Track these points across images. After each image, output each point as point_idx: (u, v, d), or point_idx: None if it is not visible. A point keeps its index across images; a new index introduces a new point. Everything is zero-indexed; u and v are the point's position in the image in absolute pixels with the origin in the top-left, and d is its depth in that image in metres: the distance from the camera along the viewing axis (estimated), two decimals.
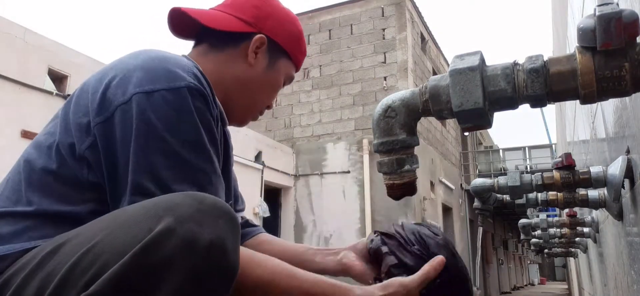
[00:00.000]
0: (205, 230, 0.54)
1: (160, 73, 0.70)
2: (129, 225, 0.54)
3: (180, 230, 0.52)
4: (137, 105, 0.67)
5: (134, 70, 0.71)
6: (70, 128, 0.71)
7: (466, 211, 13.84)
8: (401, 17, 10.30)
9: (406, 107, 0.68)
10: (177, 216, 0.53)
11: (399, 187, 0.70)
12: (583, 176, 1.13)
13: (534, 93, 0.59)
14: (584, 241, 2.88)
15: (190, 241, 0.52)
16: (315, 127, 10.49)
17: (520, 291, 21.49)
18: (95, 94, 0.71)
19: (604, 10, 0.52)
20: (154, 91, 0.68)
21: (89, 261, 0.53)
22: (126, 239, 0.52)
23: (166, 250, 0.51)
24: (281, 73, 0.97)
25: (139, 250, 0.51)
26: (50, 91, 5.19)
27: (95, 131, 0.68)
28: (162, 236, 0.52)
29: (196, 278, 0.52)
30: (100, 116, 0.69)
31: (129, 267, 0.50)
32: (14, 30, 4.96)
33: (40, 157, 0.72)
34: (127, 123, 0.67)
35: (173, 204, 0.55)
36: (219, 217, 0.56)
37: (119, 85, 0.70)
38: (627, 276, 1.22)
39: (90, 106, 0.70)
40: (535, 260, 31.84)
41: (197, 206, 0.55)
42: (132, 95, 0.68)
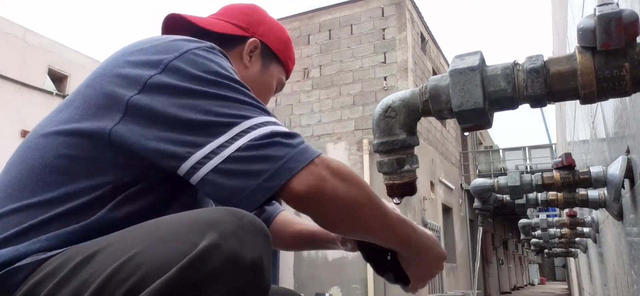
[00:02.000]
0: (247, 249, 0.54)
1: (186, 41, 0.73)
2: (171, 239, 0.55)
3: (226, 247, 0.53)
4: (173, 70, 0.68)
5: (153, 48, 0.72)
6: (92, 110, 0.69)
7: (466, 211, 13.84)
8: (401, 17, 10.30)
9: (406, 107, 0.68)
10: (221, 233, 0.54)
11: (399, 187, 0.70)
12: (583, 176, 1.13)
13: (534, 93, 0.59)
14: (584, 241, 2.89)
15: (234, 258, 0.53)
16: (315, 127, 10.49)
17: (520, 291, 21.50)
18: (117, 76, 0.70)
19: (604, 10, 0.52)
20: (182, 53, 0.70)
21: (127, 272, 0.53)
22: (169, 252, 0.53)
23: (212, 266, 0.52)
24: (274, 77, 1.01)
25: (186, 263, 0.51)
26: (50, 91, 5.19)
27: (129, 104, 0.67)
28: (208, 252, 0.52)
29: (237, 295, 0.53)
30: (131, 89, 0.68)
31: (176, 280, 0.51)
32: (14, 30, 4.96)
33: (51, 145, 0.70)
34: (172, 88, 0.67)
35: (215, 219, 0.55)
36: (258, 235, 0.57)
37: (144, 62, 0.70)
38: (627, 276, 1.22)
39: (112, 87, 0.69)
40: (535, 260, 31.84)
41: (238, 223, 0.56)
42: (167, 63, 0.69)
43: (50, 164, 0.68)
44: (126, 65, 0.71)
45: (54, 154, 0.69)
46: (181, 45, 0.71)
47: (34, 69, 5.09)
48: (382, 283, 9.12)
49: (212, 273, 0.52)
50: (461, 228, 13.30)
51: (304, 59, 10.85)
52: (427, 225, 9.91)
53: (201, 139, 0.64)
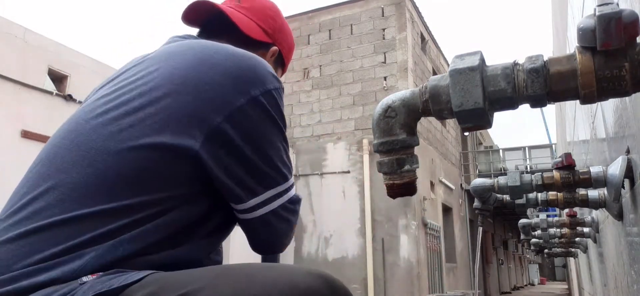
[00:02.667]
0: None
1: (265, 73, 0.78)
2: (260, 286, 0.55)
3: None
4: (257, 104, 0.74)
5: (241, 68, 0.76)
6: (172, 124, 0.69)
7: (466, 211, 13.84)
8: (401, 17, 10.30)
9: (406, 107, 0.68)
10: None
11: (399, 187, 0.70)
12: (583, 176, 1.13)
13: (534, 93, 0.59)
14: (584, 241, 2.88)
15: None
16: (315, 127, 10.49)
17: (520, 291, 21.50)
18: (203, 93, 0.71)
19: (604, 10, 0.52)
20: (266, 91, 0.76)
21: None
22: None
23: None
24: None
25: None
26: (50, 91, 5.19)
27: (212, 128, 0.69)
28: None
29: None
30: (218, 115, 0.70)
31: None
32: (14, 30, 4.96)
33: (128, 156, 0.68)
34: (253, 123, 0.74)
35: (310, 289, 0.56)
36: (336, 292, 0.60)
37: (233, 86, 0.73)
38: (627, 276, 1.22)
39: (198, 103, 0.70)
40: (535, 260, 31.84)
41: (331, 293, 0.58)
42: (253, 97, 0.74)
43: (126, 174, 0.67)
44: (210, 83, 0.72)
45: (131, 166, 0.67)
46: (265, 78, 0.77)
47: (34, 69, 5.09)
48: (382, 283, 9.12)
49: None
50: (461, 228, 13.31)
51: (304, 59, 10.85)
52: (427, 225, 9.92)
53: (261, 188, 0.77)
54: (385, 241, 9.31)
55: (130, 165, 0.67)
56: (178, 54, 0.77)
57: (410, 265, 9.12)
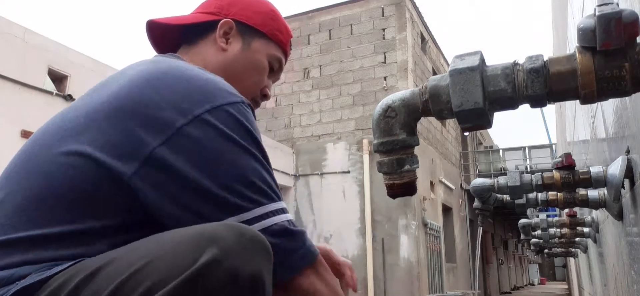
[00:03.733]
0: (247, 264, 0.55)
1: (215, 92, 0.71)
2: (173, 253, 0.55)
3: (225, 263, 0.53)
4: (205, 123, 0.67)
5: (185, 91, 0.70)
6: (110, 144, 0.66)
7: (466, 211, 13.84)
8: (401, 17, 10.30)
9: (406, 107, 0.68)
10: (221, 248, 0.54)
11: (399, 187, 0.70)
12: (583, 176, 1.13)
13: (534, 93, 0.59)
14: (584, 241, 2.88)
15: (234, 274, 0.54)
16: (315, 127, 10.49)
17: (520, 291, 21.49)
18: (139, 114, 0.67)
19: (604, 10, 0.52)
20: (216, 107, 0.69)
21: (131, 286, 0.53)
22: (172, 267, 0.53)
23: (212, 282, 0.53)
24: (260, 53, 0.96)
25: (186, 279, 0.52)
26: (50, 91, 5.19)
27: (150, 155, 0.65)
28: (208, 268, 0.53)
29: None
30: (156, 138, 0.65)
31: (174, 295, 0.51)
32: (14, 30, 4.96)
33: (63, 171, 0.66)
34: (199, 143, 0.66)
35: (216, 235, 0.56)
36: (258, 251, 0.58)
37: (173, 106, 0.68)
38: (627, 276, 1.22)
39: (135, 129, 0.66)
40: (535, 260, 31.83)
41: (239, 239, 0.56)
42: (197, 115, 0.67)
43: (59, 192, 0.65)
44: (150, 105, 0.67)
45: (68, 185, 0.65)
46: (213, 95, 0.70)
47: (34, 69, 5.08)
48: (382, 283, 9.12)
49: (212, 288, 0.52)
50: (461, 228, 13.30)
51: (304, 59, 10.85)
52: (427, 225, 9.92)
53: (220, 215, 0.65)
54: (385, 241, 9.31)
55: (67, 185, 0.65)
56: (131, 75, 0.73)
57: (410, 265, 9.12)
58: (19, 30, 5.02)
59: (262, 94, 0.99)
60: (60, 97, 5.23)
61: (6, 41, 4.85)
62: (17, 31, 5.00)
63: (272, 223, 0.68)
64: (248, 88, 0.95)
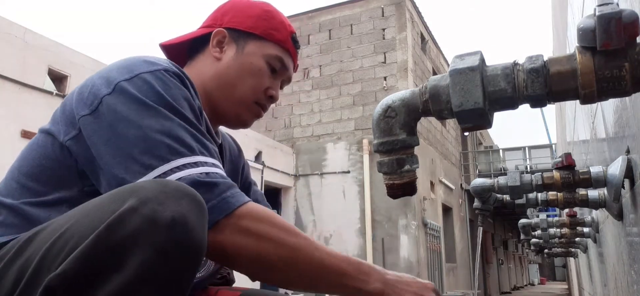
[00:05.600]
0: (167, 208, 0.55)
1: (138, 63, 0.78)
2: (95, 210, 0.57)
3: (142, 209, 0.54)
4: (121, 90, 0.73)
5: (115, 66, 0.78)
6: (58, 123, 0.78)
7: (466, 211, 13.84)
8: (401, 17, 10.30)
9: (406, 107, 0.68)
10: (139, 198, 0.55)
11: (399, 187, 0.70)
12: (583, 176, 1.13)
13: (534, 93, 0.59)
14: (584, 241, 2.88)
15: (151, 218, 0.54)
16: (315, 127, 10.49)
17: (520, 291, 21.49)
18: (81, 92, 0.77)
19: (604, 10, 0.52)
20: (134, 76, 0.75)
21: (60, 246, 0.55)
22: (93, 222, 0.55)
23: (128, 228, 0.53)
24: (255, 55, 0.96)
25: (103, 229, 0.53)
26: (50, 91, 5.19)
27: (79, 123, 0.74)
28: (125, 216, 0.54)
29: (161, 254, 0.54)
30: (85, 108, 0.74)
31: (94, 245, 0.53)
32: (14, 30, 4.96)
33: (35, 149, 0.79)
34: (115, 109, 0.72)
35: (137, 187, 0.58)
36: (182, 198, 0.58)
37: (100, 79, 0.76)
38: (627, 276, 1.22)
39: (74, 104, 0.76)
40: (535, 260, 31.84)
41: (161, 189, 0.57)
42: (116, 84, 0.74)
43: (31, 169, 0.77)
44: (88, 84, 0.77)
45: (35, 159, 0.78)
46: (134, 67, 0.77)
47: (34, 69, 5.08)
48: None
49: (130, 235, 0.53)
50: (461, 228, 13.30)
51: (304, 59, 10.85)
52: (427, 225, 9.91)
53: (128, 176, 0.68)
54: (385, 241, 9.31)
55: (32, 155, 0.78)
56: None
57: (410, 265, 9.12)
58: (19, 30, 5.02)
59: (268, 96, 0.98)
60: (60, 97, 5.22)
61: (6, 41, 4.85)
62: (17, 31, 5.00)
63: (177, 177, 0.67)
64: (245, 93, 0.95)
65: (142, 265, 0.52)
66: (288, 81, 1.04)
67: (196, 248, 0.57)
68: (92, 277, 0.52)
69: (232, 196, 0.70)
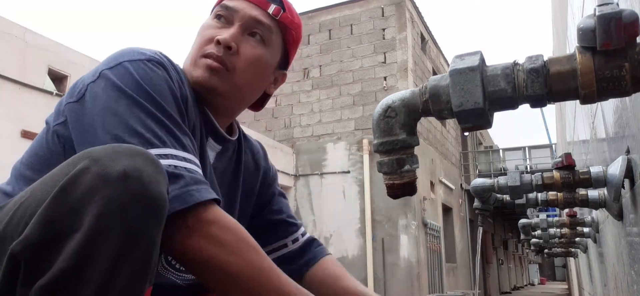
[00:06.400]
0: (119, 164, 0.56)
1: (125, 52, 0.79)
2: (51, 177, 0.58)
3: (94, 167, 0.55)
4: (103, 78, 0.75)
5: (105, 58, 0.81)
6: (53, 113, 0.83)
7: (466, 211, 13.84)
8: (401, 17, 10.30)
9: (406, 107, 0.68)
10: (92, 158, 0.56)
11: (399, 187, 0.70)
12: (583, 176, 1.13)
13: (534, 93, 0.59)
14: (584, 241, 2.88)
15: (103, 174, 0.55)
16: (315, 127, 10.49)
17: (520, 291, 21.49)
18: (74, 84, 0.80)
19: (604, 10, 0.52)
20: (117, 64, 0.76)
21: (19, 216, 0.57)
22: (48, 187, 0.56)
23: (82, 186, 0.54)
24: (206, 20, 0.94)
25: (58, 190, 0.54)
26: (50, 91, 5.18)
27: (65, 109, 0.78)
28: (77, 175, 0.55)
29: (115, 206, 0.54)
30: (72, 97, 0.77)
31: (52, 207, 0.53)
32: (14, 30, 4.96)
33: (36, 141, 0.84)
34: (95, 96, 0.74)
35: (89, 150, 0.59)
36: (135, 155, 0.58)
37: (92, 71, 0.79)
38: (627, 276, 1.22)
39: (66, 94, 0.81)
40: (535, 260, 31.83)
41: (113, 148, 0.59)
42: (100, 72, 0.76)
43: (31, 157, 0.82)
44: (84, 76, 0.80)
45: (36, 148, 0.82)
46: (121, 56, 0.78)
47: (34, 69, 5.08)
48: (382, 283, 9.12)
49: (85, 192, 0.54)
50: (461, 228, 13.30)
51: (304, 59, 10.85)
52: (427, 225, 9.91)
53: None
54: (385, 241, 9.31)
55: (33, 147, 0.83)
56: None
57: (410, 265, 9.12)
58: (19, 30, 5.02)
59: (216, 42, 0.88)
60: (60, 97, 5.22)
61: (6, 41, 4.85)
62: (17, 31, 5.00)
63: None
64: (193, 53, 0.90)
65: (98, 218, 0.53)
66: (250, 21, 0.90)
67: (155, 199, 0.57)
68: (52, 239, 0.53)
69: (197, 191, 0.69)
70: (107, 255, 0.53)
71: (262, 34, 0.91)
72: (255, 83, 0.94)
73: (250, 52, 0.90)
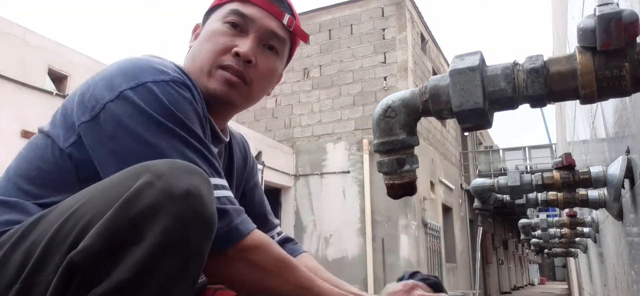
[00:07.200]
0: (181, 182, 0.57)
1: (144, 69, 0.75)
2: (109, 188, 0.58)
3: (158, 183, 0.56)
4: (125, 100, 0.71)
5: (118, 69, 0.75)
6: (58, 126, 0.77)
7: (466, 211, 13.83)
8: (401, 17, 10.30)
9: (406, 107, 0.68)
10: (153, 173, 0.56)
11: (399, 187, 0.70)
12: (583, 176, 1.13)
13: (534, 93, 0.59)
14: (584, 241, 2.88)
15: (168, 190, 0.55)
16: (315, 127, 10.48)
17: (520, 291, 21.49)
18: (82, 95, 0.75)
19: (604, 10, 0.52)
20: (140, 84, 0.72)
21: (71, 225, 0.56)
22: (107, 199, 0.56)
23: (147, 200, 0.54)
24: (213, 23, 0.92)
25: (122, 202, 0.54)
26: (50, 91, 5.18)
27: (79, 129, 0.73)
28: (142, 189, 0.55)
29: (180, 222, 0.55)
30: (85, 115, 0.73)
31: (115, 219, 0.53)
32: (14, 30, 4.96)
33: (33, 151, 0.78)
34: (119, 121, 0.70)
35: (149, 164, 0.59)
36: (193, 174, 0.59)
37: (102, 82, 0.74)
38: (627, 276, 1.22)
39: (75, 107, 0.75)
40: (535, 260, 31.82)
41: (171, 165, 0.59)
42: (120, 92, 0.72)
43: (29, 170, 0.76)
44: (88, 86, 0.75)
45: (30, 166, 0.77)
46: (140, 73, 0.74)
47: (34, 69, 5.08)
48: (382, 283, 9.11)
49: (149, 207, 0.54)
50: (461, 228, 13.30)
51: (304, 59, 10.85)
52: (427, 225, 9.91)
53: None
54: (385, 241, 9.30)
55: (30, 158, 0.77)
56: None
57: (410, 265, 9.11)
58: (19, 30, 5.02)
59: (234, 54, 0.87)
60: (60, 97, 5.22)
61: (6, 41, 4.85)
62: (17, 31, 5.00)
63: None
64: (204, 59, 0.88)
65: (163, 234, 0.53)
66: (267, 33, 0.90)
67: (211, 217, 0.59)
68: (113, 251, 0.53)
69: (242, 223, 0.72)
70: (168, 270, 0.54)
71: (277, 47, 0.93)
72: (264, 92, 0.97)
73: (266, 65, 0.91)
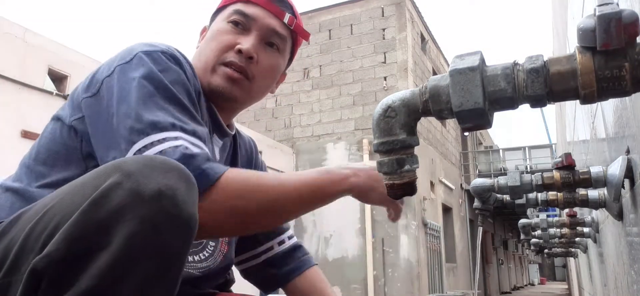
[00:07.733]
0: (152, 181, 0.53)
1: (137, 45, 0.80)
2: (79, 188, 0.56)
3: (127, 183, 0.53)
4: (118, 72, 0.77)
5: (118, 54, 0.82)
6: (66, 108, 0.83)
7: (466, 211, 13.84)
8: (401, 17, 10.30)
9: (406, 107, 0.68)
10: (123, 172, 0.54)
11: (399, 187, 0.70)
12: (583, 176, 1.13)
13: (534, 93, 0.59)
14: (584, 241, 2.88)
15: (136, 190, 0.52)
16: (315, 127, 10.49)
17: (520, 291, 21.49)
18: (88, 78, 0.81)
19: (604, 10, 0.52)
20: (132, 56, 0.78)
21: (43, 225, 0.54)
22: (76, 199, 0.54)
23: (113, 203, 0.51)
24: (217, 23, 0.96)
25: (87, 205, 0.52)
26: (50, 91, 5.18)
27: (82, 104, 0.78)
28: (109, 191, 0.52)
29: (149, 226, 0.51)
30: (88, 91, 0.78)
31: (78, 224, 0.51)
32: (14, 30, 4.96)
33: (45, 136, 0.83)
34: (110, 88, 0.76)
35: (120, 163, 0.57)
36: (169, 171, 0.56)
37: (105, 65, 0.80)
38: (627, 276, 1.22)
39: (80, 89, 0.81)
40: (535, 260, 31.83)
41: (145, 162, 0.56)
42: (115, 67, 0.77)
43: (43, 151, 0.81)
44: (97, 71, 0.81)
45: (45, 141, 0.82)
46: (133, 49, 0.79)
47: (34, 69, 5.08)
48: (382, 283, 9.12)
49: (114, 209, 0.51)
50: (461, 228, 13.30)
51: (304, 59, 10.85)
52: (427, 225, 9.91)
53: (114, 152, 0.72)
54: (385, 241, 9.31)
55: (42, 142, 0.82)
56: None
57: (410, 265, 9.12)
58: (19, 30, 5.02)
59: (236, 51, 0.90)
60: (60, 97, 5.22)
61: (6, 41, 4.85)
62: (17, 31, 5.00)
63: (157, 150, 0.68)
64: (208, 57, 0.91)
65: (129, 238, 0.50)
66: (268, 31, 0.93)
67: (187, 220, 0.55)
68: (78, 256, 0.50)
69: (211, 168, 0.70)
70: (136, 277, 0.51)
71: (278, 44, 0.96)
72: (267, 89, 1.00)
73: (268, 62, 0.94)
